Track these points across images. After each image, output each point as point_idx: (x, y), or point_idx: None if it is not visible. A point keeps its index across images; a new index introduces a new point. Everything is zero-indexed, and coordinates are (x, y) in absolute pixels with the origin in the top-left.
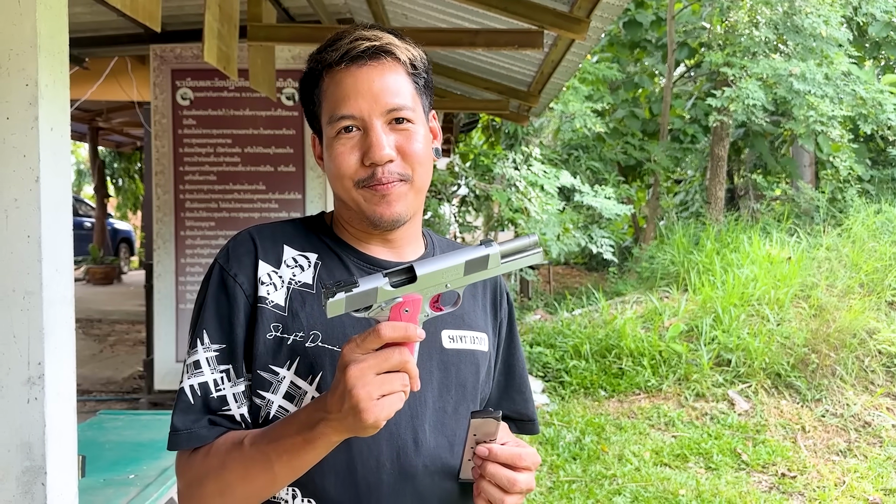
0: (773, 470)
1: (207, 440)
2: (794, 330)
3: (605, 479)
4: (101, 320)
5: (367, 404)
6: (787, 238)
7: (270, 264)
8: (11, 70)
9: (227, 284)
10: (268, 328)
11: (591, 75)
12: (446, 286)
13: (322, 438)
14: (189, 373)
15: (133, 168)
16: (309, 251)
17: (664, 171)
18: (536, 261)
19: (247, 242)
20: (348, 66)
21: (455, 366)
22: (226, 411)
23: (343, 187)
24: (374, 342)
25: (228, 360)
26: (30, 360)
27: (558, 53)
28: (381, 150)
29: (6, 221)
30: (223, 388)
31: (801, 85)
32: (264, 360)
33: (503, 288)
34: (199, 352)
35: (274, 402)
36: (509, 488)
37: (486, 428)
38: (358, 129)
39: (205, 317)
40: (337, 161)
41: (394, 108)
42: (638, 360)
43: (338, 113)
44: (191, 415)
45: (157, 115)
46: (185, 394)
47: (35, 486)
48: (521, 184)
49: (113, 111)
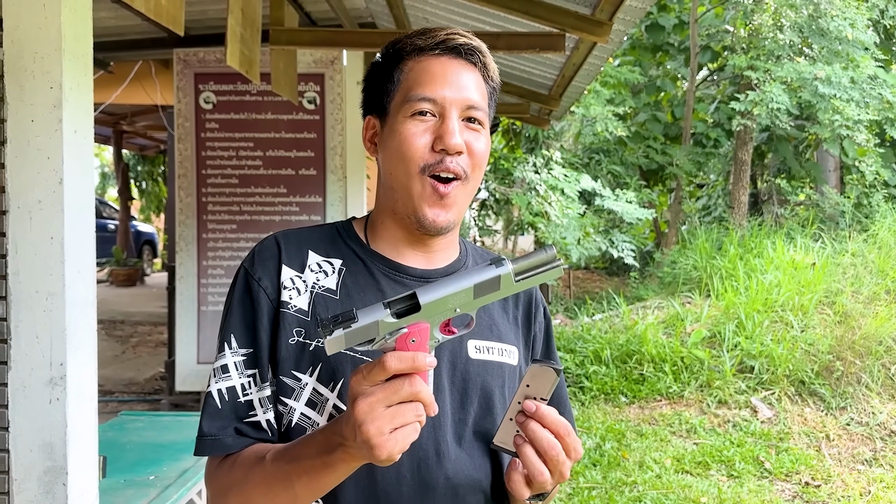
0: (796, 479)
1: (232, 449)
2: (818, 337)
3: (625, 485)
4: (124, 322)
5: (379, 440)
6: (812, 243)
7: (294, 269)
8: (36, 73)
9: (251, 288)
10: (290, 333)
11: (612, 79)
12: (455, 311)
13: (341, 464)
14: (217, 377)
15: (156, 171)
16: (334, 257)
17: (686, 175)
18: (556, 275)
19: (272, 247)
20: (440, 55)
21: (480, 377)
22: (252, 417)
23: (406, 171)
24: (381, 374)
25: (255, 365)
26: (52, 361)
27: (580, 56)
28: (455, 137)
29: (30, 223)
30: (250, 392)
31: (827, 88)
32: (287, 366)
33: (538, 300)
34: (227, 356)
35: (296, 409)
36: (547, 452)
37: (542, 379)
38: (433, 115)
39: (231, 321)
40: (408, 142)
41: (472, 106)
42: (659, 366)
43: (419, 93)
44: (218, 420)
45: (180, 119)
46: (213, 398)
47: (56, 486)
48: (541, 187)
49: (137, 115)
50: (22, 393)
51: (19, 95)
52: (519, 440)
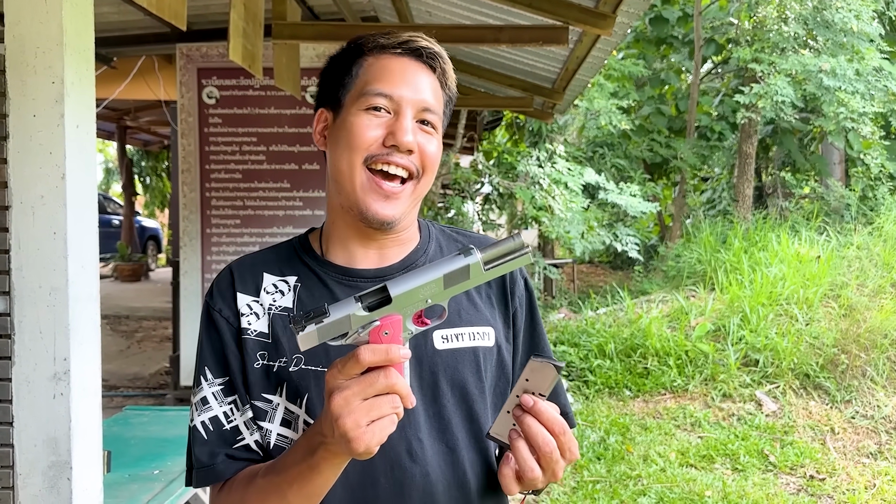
0: (801, 472)
1: (226, 475)
2: (823, 330)
3: (629, 479)
4: (129, 317)
5: (356, 432)
6: (817, 237)
7: (249, 294)
8: (38, 68)
9: (214, 319)
10: (255, 357)
11: (616, 72)
12: (427, 301)
13: (324, 463)
14: (198, 410)
15: (160, 166)
16: (288, 274)
17: (691, 168)
18: (524, 263)
19: (226, 277)
20: (401, 55)
21: (451, 367)
22: (241, 441)
23: (349, 162)
24: (355, 368)
25: (232, 391)
26: (56, 356)
27: (583, 49)
28: (407, 135)
29: (33, 218)
30: (234, 418)
31: (832, 81)
32: (257, 390)
33: (517, 275)
34: (204, 388)
35: (272, 430)
36: (542, 449)
37: (541, 375)
38: (388, 112)
39: (203, 355)
40: (357, 132)
41: (427, 108)
42: (664, 359)
43: (376, 88)
44: (207, 448)
45: (183, 114)
46: (199, 431)
47: (61, 480)
48: (544, 181)
49: (140, 110)
50: (26, 388)
51: (21, 90)
52: (514, 434)
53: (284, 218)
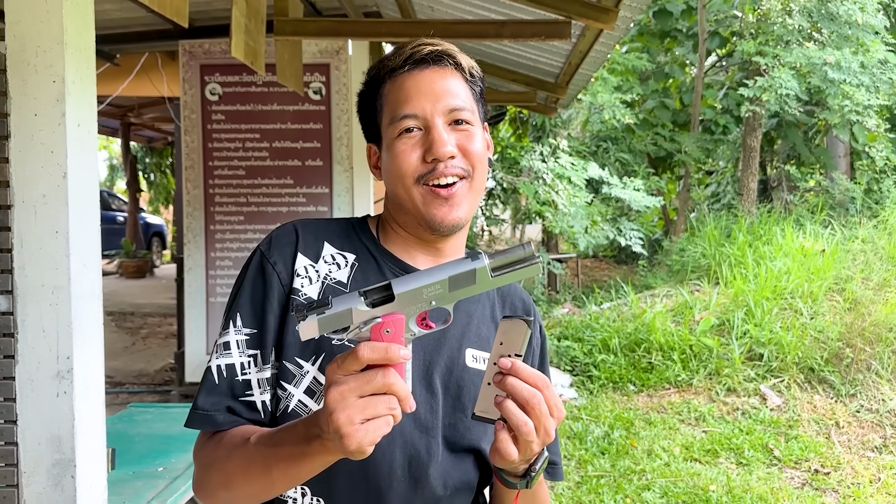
0: (806, 466)
1: (222, 427)
2: (828, 324)
3: (633, 474)
4: (134, 313)
5: (349, 429)
6: (822, 230)
7: (309, 258)
8: (39, 67)
9: (265, 271)
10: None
11: (620, 66)
12: (431, 303)
13: (317, 455)
14: (217, 353)
15: (164, 163)
16: (348, 251)
17: (695, 162)
18: (533, 273)
19: (290, 233)
20: (411, 70)
21: (475, 385)
22: (248, 396)
23: (404, 186)
24: (354, 364)
25: (257, 346)
26: (59, 355)
27: (586, 44)
28: (443, 146)
29: (34, 217)
30: (249, 371)
31: (836, 74)
32: (291, 352)
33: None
34: (231, 333)
35: (294, 395)
36: (529, 402)
37: (513, 333)
38: (419, 129)
39: (240, 300)
40: (399, 159)
41: (454, 109)
42: (668, 354)
43: (400, 112)
44: (213, 396)
45: (186, 111)
46: (212, 373)
47: (65, 478)
48: (548, 176)
49: (144, 107)
50: (29, 386)
51: (22, 90)
52: (499, 398)
53: (288, 214)
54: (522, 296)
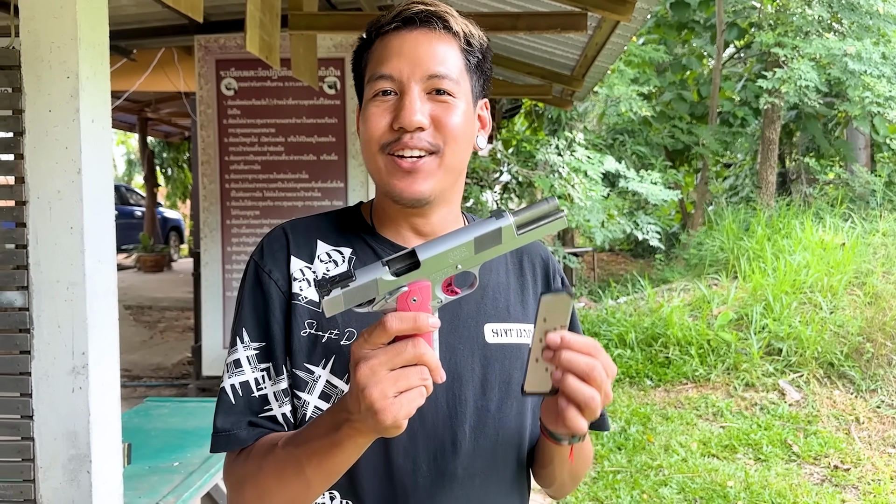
0: (825, 462)
1: (247, 443)
2: (848, 318)
3: (650, 469)
4: (152, 307)
5: (383, 403)
6: (842, 223)
7: (303, 259)
8: (53, 63)
9: (261, 281)
10: (302, 325)
11: (637, 58)
12: (457, 267)
13: (348, 440)
14: (230, 372)
15: (182, 158)
16: (343, 245)
17: (713, 155)
18: (560, 227)
19: (280, 238)
20: (398, 29)
21: (499, 361)
22: (267, 411)
23: (369, 152)
24: (382, 336)
25: (268, 358)
26: (74, 350)
27: (603, 36)
28: (411, 115)
29: (49, 213)
30: (264, 386)
31: (857, 65)
32: (300, 359)
33: (556, 270)
34: (239, 350)
35: (310, 402)
36: (590, 374)
37: (557, 308)
38: (395, 93)
39: (243, 314)
40: (368, 123)
41: (435, 76)
42: (685, 349)
43: (377, 72)
44: (232, 416)
45: (202, 106)
46: (227, 394)
47: (81, 473)
48: (564, 170)
49: (161, 102)
50: (45, 382)
51: (36, 86)
52: (558, 374)
53: (303, 209)
54: (541, 252)
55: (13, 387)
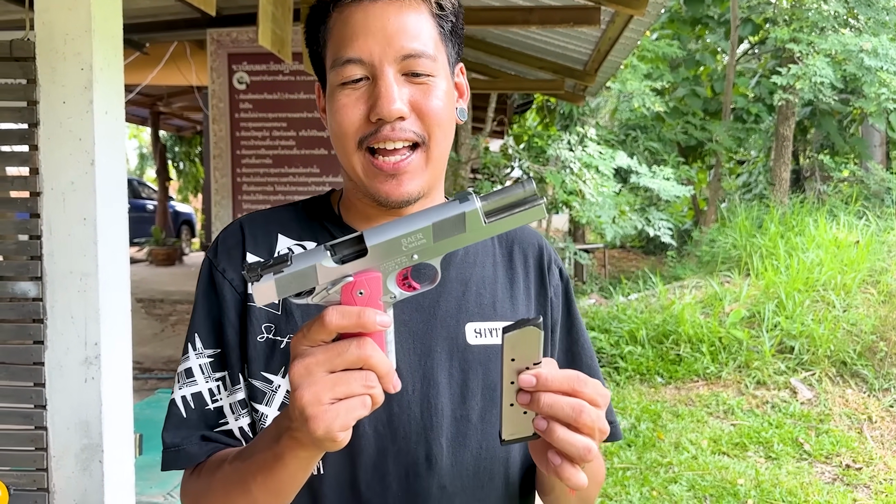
0: (836, 461)
1: (199, 458)
2: (861, 316)
3: (660, 466)
4: (163, 300)
5: (315, 409)
6: (856, 221)
7: (260, 256)
8: (67, 54)
9: (215, 281)
10: (259, 330)
11: (650, 53)
12: (413, 258)
13: (289, 453)
14: (180, 382)
15: (194, 152)
16: (307, 239)
17: (726, 151)
18: (537, 216)
19: (235, 233)
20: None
21: (483, 365)
22: (223, 425)
23: (344, 149)
24: (321, 332)
25: (223, 367)
26: (87, 341)
27: (616, 30)
28: (391, 104)
29: (63, 204)
30: (219, 398)
31: (873, 61)
32: (257, 367)
33: (552, 259)
34: (192, 358)
35: (269, 415)
36: (578, 419)
37: (524, 343)
38: (366, 78)
39: (196, 320)
40: (339, 115)
41: (411, 55)
42: (696, 346)
43: (343, 55)
44: (182, 430)
45: (214, 100)
46: (177, 406)
47: (93, 463)
48: (575, 165)
49: (173, 96)
50: (58, 372)
51: (51, 77)
52: (541, 424)
53: None
54: (533, 239)
55: (27, 376)
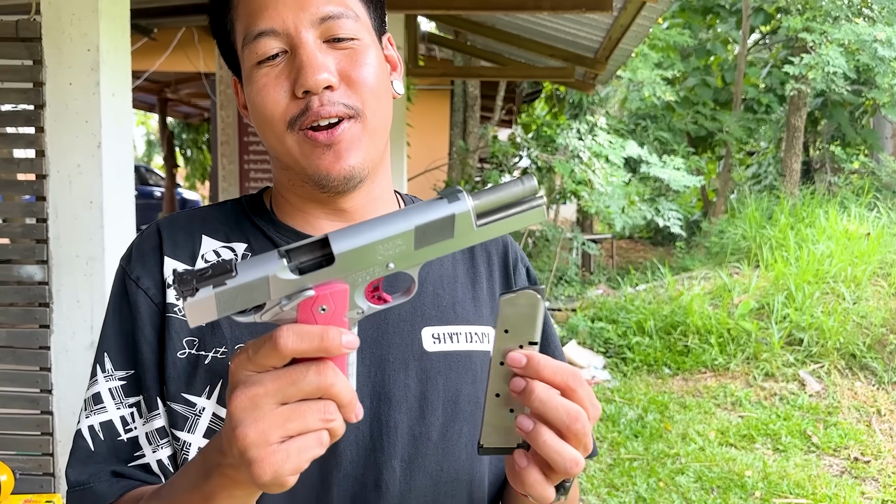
0: (845, 454)
1: (108, 499)
2: (871, 309)
3: (667, 457)
4: None
5: (261, 452)
6: (867, 213)
7: (180, 260)
8: (74, 35)
9: (128, 291)
10: (179, 345)
11: (661, 41)
12: (388, 266)
13: (221, 493)
14: (87, 410)
15: (201, 139)
16: (236, 240)
17: (737, 142)
18: (536, 218)
19: (151, 236)
20: None
21: (442, 374)
22: (138, 458)
23: (273, 134)
24: (272, 357)
25: (137, 390)
26: (93, 325)
27: (628, 17)
28: (315, 73)
29: (69, 187)
30: (133, 426)
31: (887, 51)
32: (176, 387)
33: (518, 257)
34: (100, 381)
35: (192, 443)
36: (568, 427)
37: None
38: (284, 51)
39: (105, 336)
40: (261, 97)
41: (330, 16)
42: (705, 337)
43: (253, 29)
44: (90, 465)
45: (221, 86)
46: (84, 438)
47: None
48: (584, 155)
49: (181, 82)
50: (64, 356)
51: (57, 58)
52: (527, 423)
53: None
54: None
55: (33, 361)
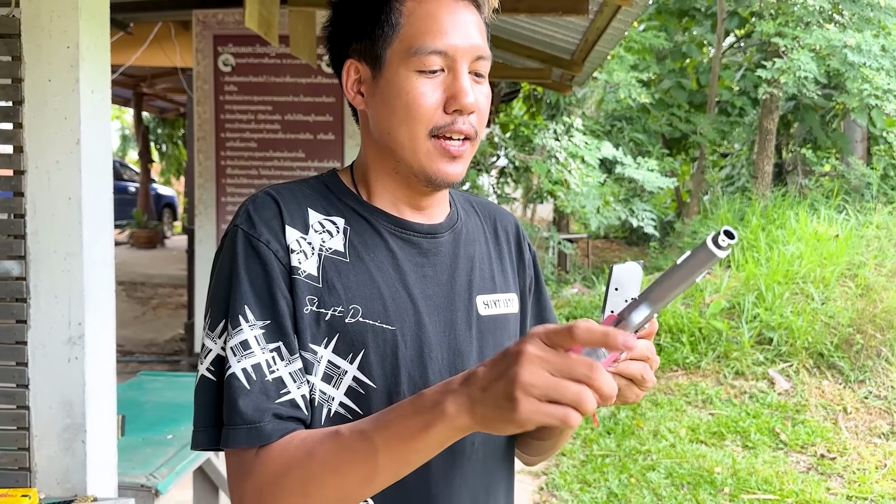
0: (812, 451)
1: (272, 438)
2: (839, 309)
3: (639, 454)
4: (145, 283)
5: (520, 396)
6: (836, 215)
7: (298, 229)
8: (53, 32)
9: (259, 252)
10: (304, 302)
11: (637, 44)
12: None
13: (443, 421)
14: (237, 355)
15: (176, 134)
16: (334, 214)
17: (710, 144)
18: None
19: (270, 205)
20: None
21: (492, 333)
22: (285, 395)
23: (411, 133)
24: (564, 338)
25: (277, 337)
26: (70, 321)
27: (604, 20)
28: (470, 96)
29: (48, 183)
30: (276, 368)
31: (857, 56)
32: (305, 339)
33: (522, 235)
34: (245, 330)
35: (316, 385)
36: (641, 386)
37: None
38: (443, 70)
39: (241, 290)
40: (416, 101)
41: (481, 56)
42: (677, 336)
43: (429, 45)
44: (251, 401)
45: (199, 81)
46: (239, 379)
47: (76, 443)
48: (561, 155)
49: (157, 77)
50: (41, 351)
51: (36, 55)
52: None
53: None
54: (509, 217)
55: (9, 356)
